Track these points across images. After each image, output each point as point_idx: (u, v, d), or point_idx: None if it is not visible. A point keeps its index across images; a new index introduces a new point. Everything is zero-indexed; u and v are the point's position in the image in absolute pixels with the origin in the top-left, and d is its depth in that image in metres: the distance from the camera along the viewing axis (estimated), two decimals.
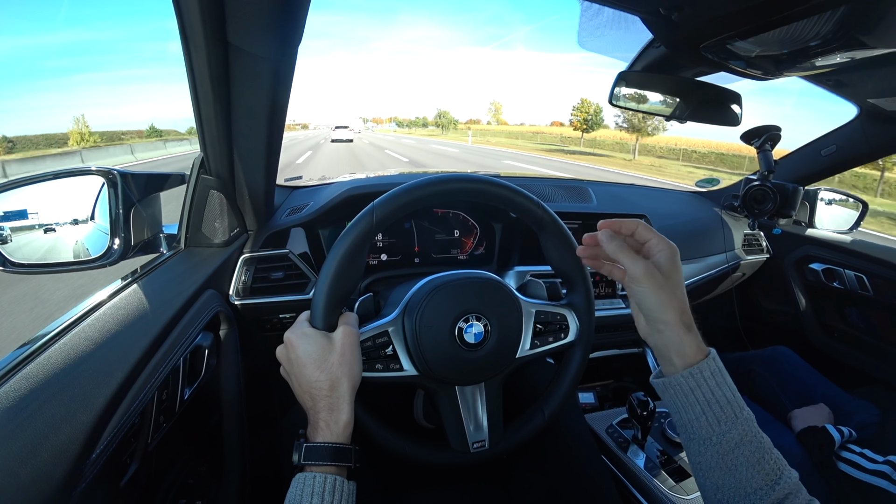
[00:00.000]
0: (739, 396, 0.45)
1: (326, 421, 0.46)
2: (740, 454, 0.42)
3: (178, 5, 0.49)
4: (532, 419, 0.61)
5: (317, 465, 0.44)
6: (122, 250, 0.64)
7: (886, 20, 0.60)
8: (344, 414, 0.46)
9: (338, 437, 0.45)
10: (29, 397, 0.39)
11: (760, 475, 0.41)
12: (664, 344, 0.48)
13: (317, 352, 0.47)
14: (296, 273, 0.89)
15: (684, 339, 0.46)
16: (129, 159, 16.36)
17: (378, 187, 0.94)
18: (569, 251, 0.59)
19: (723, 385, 0.45)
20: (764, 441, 0.43)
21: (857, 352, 1.26)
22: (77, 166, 0.67)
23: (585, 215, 1.10)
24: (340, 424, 0.46)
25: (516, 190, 0.56)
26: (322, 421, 0.46)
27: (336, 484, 0.42)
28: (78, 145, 30.83)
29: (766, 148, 1.18)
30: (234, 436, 0.75)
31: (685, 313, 0.47)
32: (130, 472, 0.48)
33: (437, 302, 0.55)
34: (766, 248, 1.42)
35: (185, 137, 25.34)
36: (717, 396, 0.44)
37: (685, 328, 0.47)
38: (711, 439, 0.43)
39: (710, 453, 0.43)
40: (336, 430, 0.45)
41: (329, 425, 0.45)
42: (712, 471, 0.43)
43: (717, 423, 0.43)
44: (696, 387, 0.45)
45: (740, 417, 0.43)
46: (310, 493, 0.41)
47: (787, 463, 0.43)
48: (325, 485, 0.42)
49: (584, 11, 0.82)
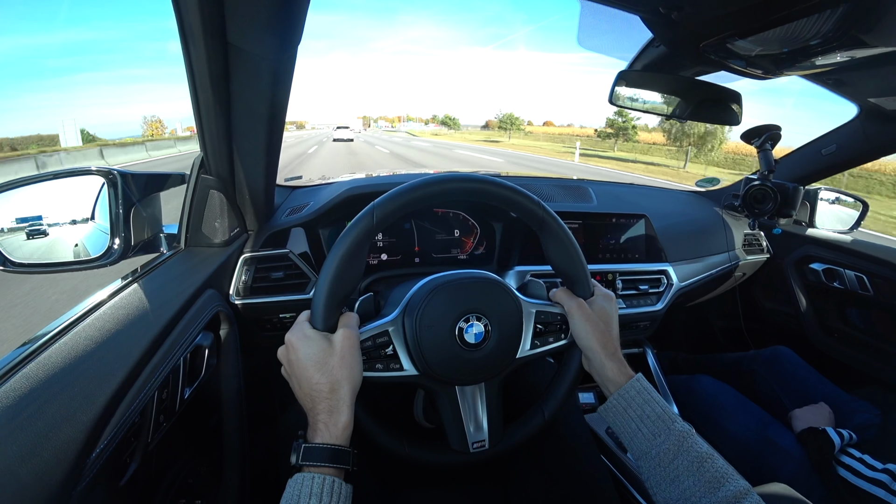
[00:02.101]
0: (672, 412, 0.50)
1: (325, 423, 0.46)
2: (679, 464, 0.46)
3: (177, 5, 0.49)
4: (532, 419, 0.61)
5: (314, 466, 0.44)
6: (122, 250, 0.64)
7: (886, 19, 0.60)
8: (343, 416, 0.46)
9: (336, 439, 0.45)
10: (29, 397, 0.39)
11: (701, 482, 0.44)
12: (594, 370, 0.57)
13: (317, 354, 0.48)
14: (296, 273, 0.89)
15: (606, 363, 0.54)
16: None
17: (378, 187, 0.94)
18: (569, 251, 0.59)
19: (651, 402, 0.51)
20: (703, 451, 0.46)
21: (858, 352, 1.26)
22: (77, 166, 0.67)
23: (586, 215, 1.10)
24: (339, 426, 0.46)
25: (516, 189, 0.56)
26: (321, 422, 0.46)
27: (333, 485, 0.42)
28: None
29: (766, 147, 1.18)
30: (234, 435, 0.75)
31: (608, 343, 0.56)
32: (130, 472, 0.48)
33: (437, 302, 0.55)
34: (766, 247, 1.42)
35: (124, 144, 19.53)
36: (648, 412, 0.50)
37: (607, 354, 0.55)
38: (651, 453, 0.48)
39: (652, 467, 0.48)
40: (335, 432, 0.45)
41: (328, 427, 0.46)
42: (660, 485, 0.47)
43: (653, 437, 0.49)
44: (626, 406, 0.52)
45: (673, 430, 0.48)
46: (307, 493, 0.41)
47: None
48: (322, 486, 0.42)
49: (583, 11, 0.82)
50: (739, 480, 0.44)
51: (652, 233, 1.15)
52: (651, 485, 0.48)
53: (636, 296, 1.10)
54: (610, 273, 1.08)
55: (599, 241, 1.11)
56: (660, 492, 0.47)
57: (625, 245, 1.13)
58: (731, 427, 0.98)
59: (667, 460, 0.47)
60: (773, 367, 1.16)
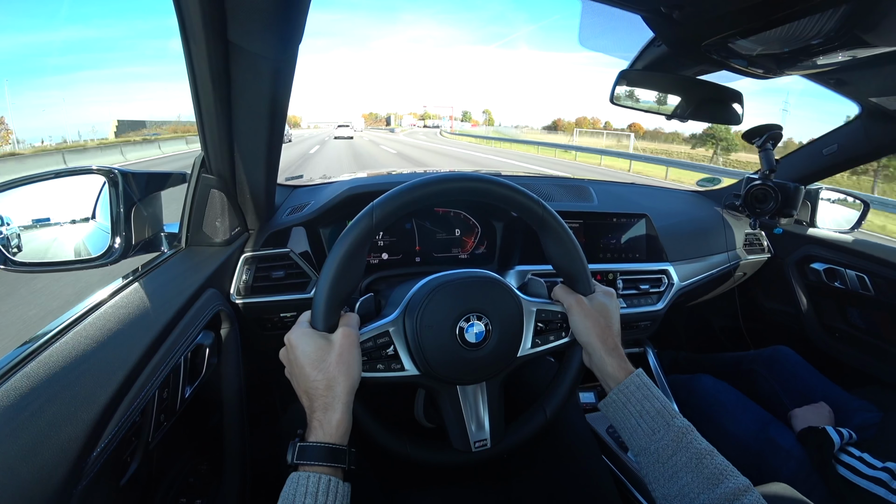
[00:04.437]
0: (672, 408, 0.50)
1: (320, 420, 0.46)
2: (678, 460, 0.46)
3: (178, 4, 0.49)
4: (533, 418, 0.61)
5: (310, 465, 0.43)
6: (123, 249, 0.64)
7: (888, 19, 0.60)
8: (337, 413, 0.46)
9: (330, 437, 0.45)
10: (30, 396, 0.39)
11: (700, 479, 0.44)
12: (594, 366, 0.56)
13: (314, 352, 0.48)
14: (297, 272, 0.89)
15: (606, 359, 0.54)
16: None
17: (379, 186, 0.94)
18: (569, 249, 0.59)
19: (651, 398, 0.51)
20: (702, 447, 0.46)
21: (858, 352, 1.26)
22: (78, 165, 0.67)
23: (586, 214, 1.10)
24: (333, 424, 0.45)
25: (517, 189, 0.56)
26: (316, 420, 0.46)
27: (330, 484, 0.42)
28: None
29: (767, 147, 1.17)
30: (234, 435, 0.75)
31: (608, 338, 0.56)
32: (131, 471, 0.48)
33: (438, 301, 0.55)
34: (767, 247, 1.42)
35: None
36: (647, 408, 0.50)
37: (607, 350, 0.55)
38: (650, 448, 0.48)
39: (651, 462, 0.48)
40: (329, 430, 0.45)
41: (322, 425, 0.45)
42: (659, 481, 0.47)
43: (652, 433, 0.49)
44: (626, 401, 0.52)
45: (672, 426, 0.48)
46: (303, 492, 0.41)
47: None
48: (318, 485, 0.42)
49: (585, 10, 0.82)
50: (739, 477, 0.43)
51: (653, 232, 1.15)
52: (650, 480, 0.48)
53: (637, 295, 1.10)
54: (611, 272, 1.08)
55: (600, 240, 1.11)
56: (659, 488, 0.47)
57: (626, 244, 1.13)
58: (731, 426, 0.98)
59: (666, 456, 0.47)
60: (773, 367, 1.16)
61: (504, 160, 15.06)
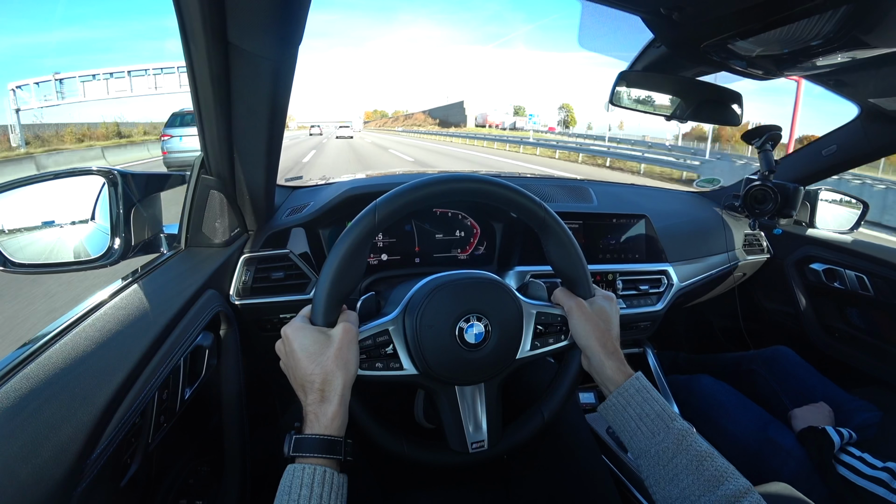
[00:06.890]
0: (671, 411, 0.50)
1: (315, 413, 0.46)
2: (679, 463, 0.46)
3: (178, 5, 0.49)
4: (531, 420, 0.61)
5: (306, 457, 0.44)
6: (122, 250, 0.64)
7: (887, 20, 0.60)
8: (332, 405, 0.46)
9: (326, 429, 0.45)
10: (29, 397, 0.39)
11: (701, 481, 0.44)
12: (593, 369, 0.56)
13: (312, 346, 0.48)
14: (296, 273, 0.89)
15: (605, 362, 0.54)
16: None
17: (379, 187, 0.94)
18: (570, 252, 0.59)
19: (650, 400, 0.51)
20: (702, 449, 0.46)
21: (858, 352, 1.26)
22: (77, 166, 0.67)
23: (586, 215, 1.10)
24: (328, 415, 0.46)
25: (517, 190, 0.56)
26: (311, 413, 0.46)
27: (325, 475, 0.43)
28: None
29: (766, 148, 1.18)
30: (234, 436, 0.75)
31: (607, 342, 0.56)
32: (131, 472, 0.48)
33: (437, 302, 0.55)
34: (766, 248, 1.42)
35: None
36: (647, 411, 0.50)
37: (607, 354, 0.55)
38: (650, 451, 0.48)
39: (652, 465, 0.48)
40: (324, 422, 0.46)
41: (318, 417, 0.46)
42: (659, 483, 0.47)
43: (652, 435, 0.49)
44: (626, 404, 0.52)
45: (672, 428, 0.48)
46: (299, 483, 0.42)
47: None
48: (314, 476, 0.42)
49: (584, 11, 0.83)
50: (739, 479, 0.44)
51: (652, 233, 1.15)
52: (650, 483, 0.48)
53: (636, 296, 1.10)
54: (610, 273, 1.08)
55: (600, 241, 1.11)
56: (659, 490, 0.47)
57: (625, 245, 1.13)
58: (731, 427, 0.98)
59: (666, 458, 0.47)
60: (773, 367, 1.16)
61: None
